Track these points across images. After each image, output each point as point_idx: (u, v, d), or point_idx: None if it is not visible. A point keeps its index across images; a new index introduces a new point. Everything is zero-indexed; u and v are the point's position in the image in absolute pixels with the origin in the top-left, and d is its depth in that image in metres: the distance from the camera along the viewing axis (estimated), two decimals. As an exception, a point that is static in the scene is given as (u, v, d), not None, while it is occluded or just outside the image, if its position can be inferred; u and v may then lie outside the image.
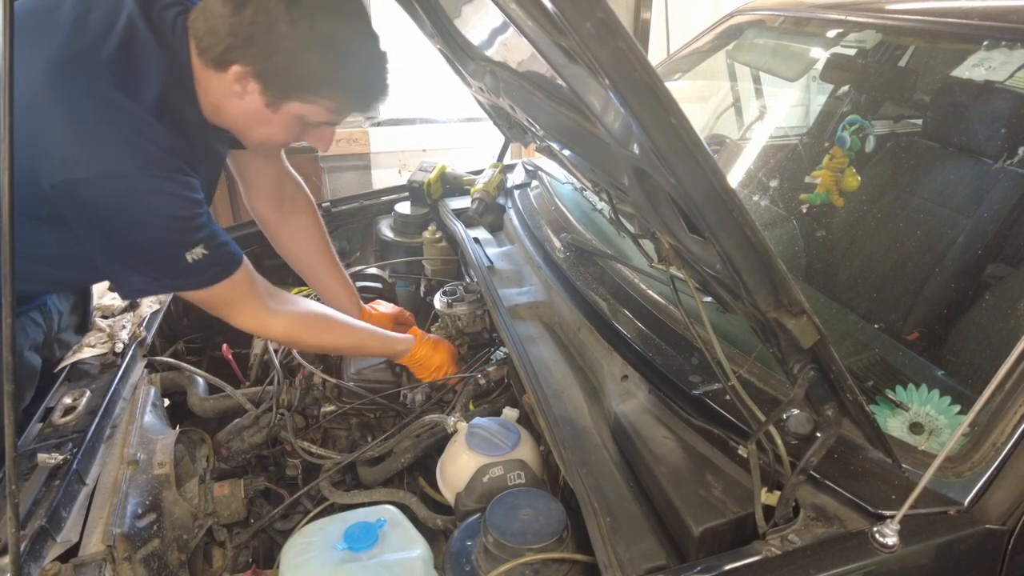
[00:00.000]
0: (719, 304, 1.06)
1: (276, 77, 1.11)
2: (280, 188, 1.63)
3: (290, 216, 1.66)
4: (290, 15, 1.05)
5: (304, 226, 1.67)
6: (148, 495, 1.18)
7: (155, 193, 1.08)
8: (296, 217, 1.66)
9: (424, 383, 1.56)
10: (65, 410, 1.31)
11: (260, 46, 1.07)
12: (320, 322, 1.44)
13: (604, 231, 1.68)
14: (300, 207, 1.67)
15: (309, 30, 1.07)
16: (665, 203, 0.83)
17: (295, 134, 1.24)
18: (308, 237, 1.68)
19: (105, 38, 1.07)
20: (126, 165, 1.05)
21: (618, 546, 0.92)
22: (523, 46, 1.10)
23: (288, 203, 1.65)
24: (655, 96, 0.61)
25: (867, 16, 1.70)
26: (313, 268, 1.70)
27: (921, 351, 1.29)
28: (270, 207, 1.64)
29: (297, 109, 1.17)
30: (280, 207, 1.65)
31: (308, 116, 1.19)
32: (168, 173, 1.09)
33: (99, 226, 1.10)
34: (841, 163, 1.76)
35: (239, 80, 1.11)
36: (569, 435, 1.14)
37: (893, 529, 0.83)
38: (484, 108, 1.83)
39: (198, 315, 1.84)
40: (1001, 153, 1.51)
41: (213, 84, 1.15)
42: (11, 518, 0.76)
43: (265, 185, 1.61)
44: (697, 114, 2.49)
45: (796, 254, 1.72)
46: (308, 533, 1.18)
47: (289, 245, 1.69)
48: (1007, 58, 1.45)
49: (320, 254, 1.69)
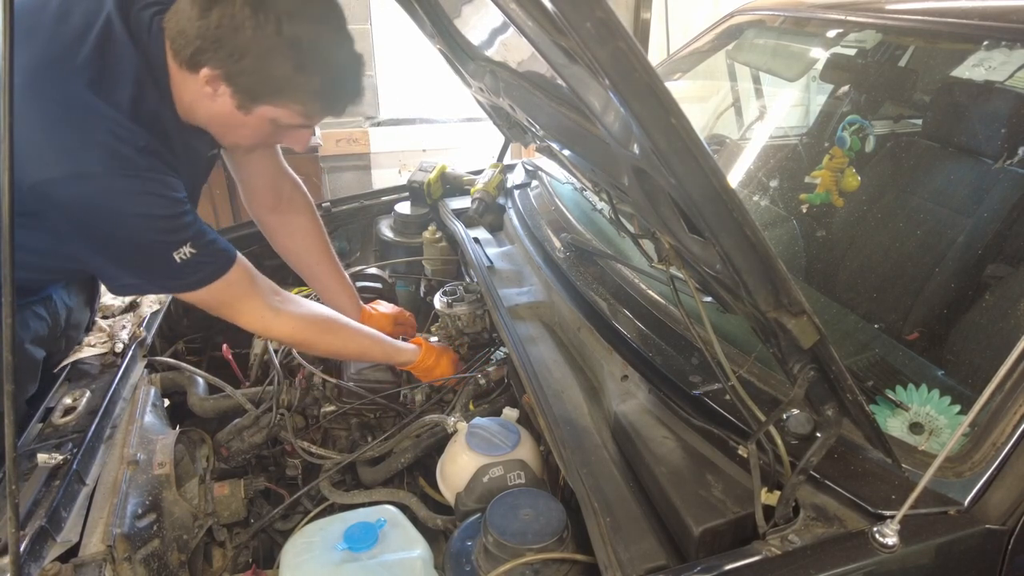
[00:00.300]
0: (719, 304, 1.06)
1: (245, 81, 1.11)
2: (277, 188, 1.63)
3: (288, 216, 1.66)
4: (256, 19, 1.04)
5: (302, 226, 1.67)
6: (148, 495, 1.18)
7: (130, 193, 1.08)
8: (294, 217, 1.66)
9: (424, 383, 1.56)
10: (65, 410, 1.31)
11: (227, 49, 1.07)
12: (326, 325, 1.43)
13: (604, 231, 1.68)
14: (298, 207, 1.66)
15: (276, 34, 1.06)
16: (665, 203, 0.83)
17: (269, 136, 1.24)
18: (306, 236, 1.68)
19: (82, 39, 1.07)
20: (96, 165, 1.04)
21: (618, 546, 0.92)
22: (523, 46, 1.10)
23: (286, 203, 1.65)
24: (655, 96, 0.61)
25: (867, 16, 1.70)
26: (312, 267, 1.70)
27: (921, 351, 1.29)
28: (267, 207, 1.64)
29: (269, 112, 1.16)
30: (277, 207, 1.64)
31: (280, 119, 1.18)
32: (145, 172, 1.08)
33: (78, 226, 1.10)
34: (841, 163, 1.76)
35: (210, 83, 1.11)
36: (569, 435, 1.14)
37: (893, 529, 0.83)
38: (484, 108, 1.83)
39: (198, 315, 1.84)
40: (1001, 153, 1.51)
41: (187, 85, 1.14)
42: (11, 518, 0.76)
43: (262, 185, 1.61)
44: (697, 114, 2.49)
45: (796, 254, 1.72)
46: (308, 533, 1.18)
47: (287, 244, 1.69)
48: (1007, 58, 1.45)
49: (319, 253, 1.69)
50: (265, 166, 1.59)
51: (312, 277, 1.72)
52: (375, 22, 4.13)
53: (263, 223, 1.68)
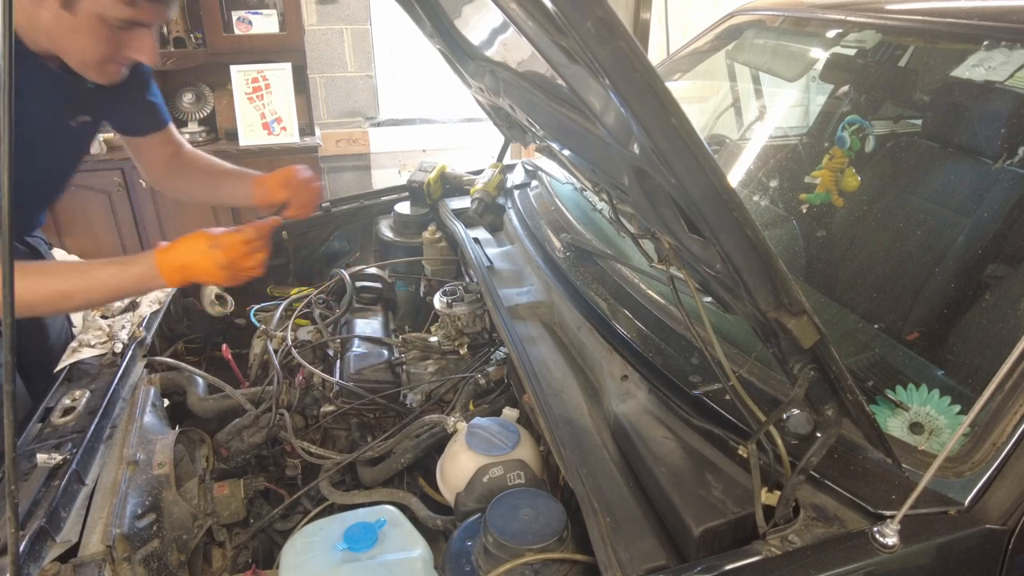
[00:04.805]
0: (719, 304, 1.06)
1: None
2: (172, 160, 1.68)
3: (180, 172, 1.70)
4: None
5: (194, 171, 1.71)
6: (148, 495, 1.18)
7: None
8: (185, 170, 1.70)
9: (424, 383, 1.56)
10: (64, 410, 1.31)
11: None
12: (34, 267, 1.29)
13: (604, 231, 1.68)
14: (187, 161, 1.71)
15: None
16: (665, 203, 0.83)
17: (108, 41, 1.23)
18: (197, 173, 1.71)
19: None
20: None
21: (618, 546, 0.92)
22: (523, 46, 1.10)
23: (179, 165, 1.70)
24: (655, 96, 0.61)
25: (867, 16, 1.70)
26: (212, 188, 1.72)
27: (921, 351, 1.29)
28: (162, 175, 1.70)
29: (92, 5, 1.16)
30: (171, 171, 1.70)
31: (106, 12, 1.18)
32: None
33: None
34: (841, 163, 1.76)
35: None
36: (569, 435, 1.14)
37: (893, 529, 0.83)
38: (484, 108, 1.83)
39: (198, 315, 1.84)
40: (1001, 153, 1.51)
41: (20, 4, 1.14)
42: (10, 518, 0.76)
43: (159, 163, 1.67)
44: (697, 114, 2.49)
45: (796, 254, 1.72)
46: (308, 533, 1.17)
47: (185, 188, 1.74)
48: (1007, 58, 1.45)
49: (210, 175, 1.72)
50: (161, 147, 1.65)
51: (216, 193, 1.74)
52: (375, 22, 4.14)
53: (161, 187, 1.74)
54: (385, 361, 1.65)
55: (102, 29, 1.20)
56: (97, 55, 1.26)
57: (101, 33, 1.21)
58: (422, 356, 1.67)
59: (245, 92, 3.61)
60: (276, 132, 3.67)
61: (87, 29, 1.19)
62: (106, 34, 1.21)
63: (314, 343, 1.69)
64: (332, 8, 4.02)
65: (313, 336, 1.72)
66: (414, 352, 1.68)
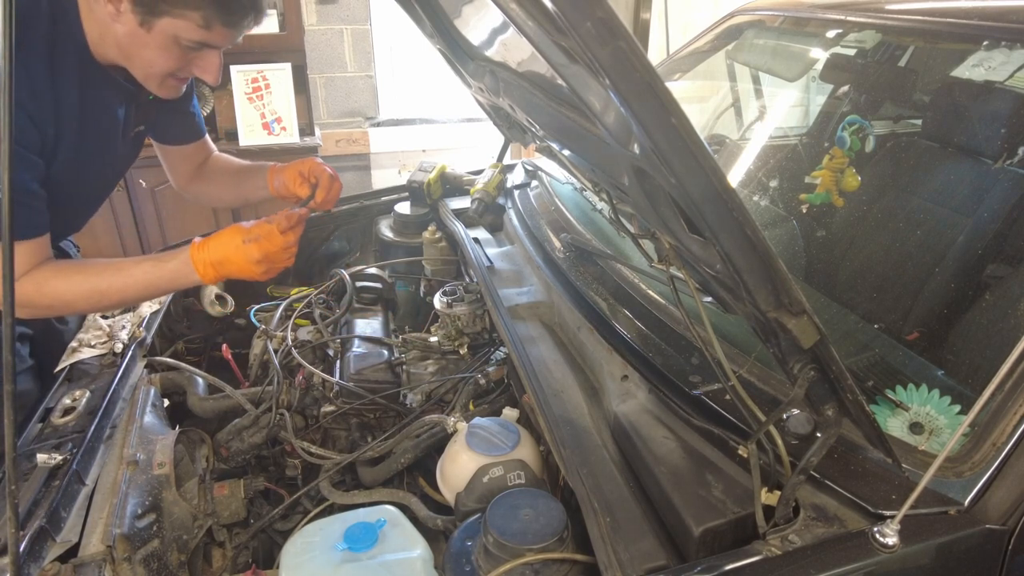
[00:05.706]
0: (719, 304, 1.06)
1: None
2: (203, 165, 1.72)
3: (206, 176, 1.75)
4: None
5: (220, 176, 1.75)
6: (148, 495, 1.18)
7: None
8: (211, 174, 1.74)
9: (424, 383, 1.56)
10: (65, 410, 1.31)
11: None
12: (71, 266, 1.31)
13: (604, 231, 1.68)
14: (213, 166, 1.75)
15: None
16: (665, 203, 0.83)
17: (176, 58, 1.25)
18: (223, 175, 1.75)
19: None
20: None
21: (618, 546, 0.92)
22: (523, 46, 1.10)
23: (205, 170, 1.74)
24: (655, 96, 0.61)
25: (867, 16, 1.70)
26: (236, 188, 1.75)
27: (921, 351, 1.29)
28: (188, 180, 1.73)
29: (169, 26, 1.19)
30: (198, 177, 1.74)
31: (181, 34, 1.20)
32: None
33: None
34: (841, 163, 1.76)
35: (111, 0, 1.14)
36: (569, 435, 1.13)
37: (893, 529, 0.83)
38: (484, 108, 1.83)
39: (198, 315, 1.84)
40: (1001, 153, 1.51)
41: (94, 12, 1.17)
42: (11, 518, 0.76)
43: (187, 170, 1.71)
44: (697, 114, 2.49)
45: (796, 254, 1.72)
46: (308, 533, 1.17)
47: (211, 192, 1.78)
48: (1007, 58, 1.45)
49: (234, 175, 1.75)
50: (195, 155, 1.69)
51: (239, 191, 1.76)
52: (375, 22, 4.14)
53: (188, 192, 1.76)
54: (385, 361, 1.64)
55: (174, 48, 1.23)
56: (165, 70, 1.29)
57: (172, 52, 1.24)
58: (422, 356, 1.67)
59: (245, 92, 3.61)
60: (276, 132, 3.67)
61: (160, 47, 1.22)
62: (177, 53, 1.25)
63: (314, 343, 1.69)
64: (332, 8, 4.02)
65: (313, 336, 1.72)
66: (414, 352, 1.67)
